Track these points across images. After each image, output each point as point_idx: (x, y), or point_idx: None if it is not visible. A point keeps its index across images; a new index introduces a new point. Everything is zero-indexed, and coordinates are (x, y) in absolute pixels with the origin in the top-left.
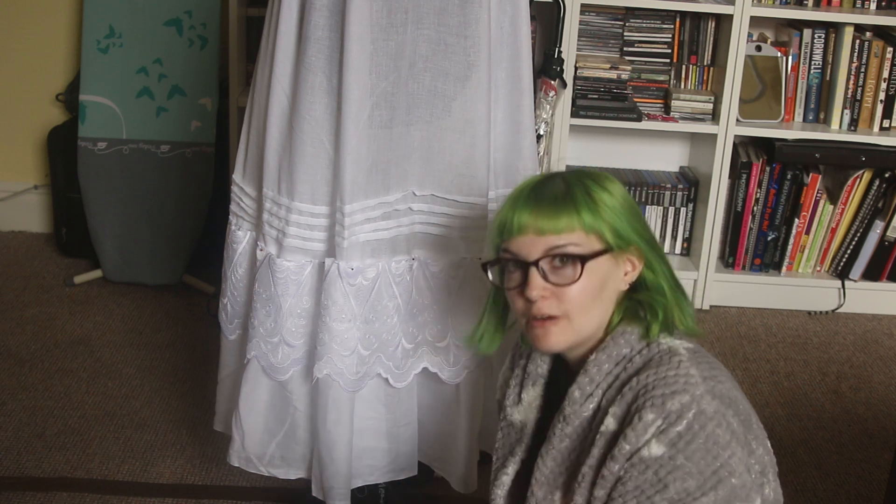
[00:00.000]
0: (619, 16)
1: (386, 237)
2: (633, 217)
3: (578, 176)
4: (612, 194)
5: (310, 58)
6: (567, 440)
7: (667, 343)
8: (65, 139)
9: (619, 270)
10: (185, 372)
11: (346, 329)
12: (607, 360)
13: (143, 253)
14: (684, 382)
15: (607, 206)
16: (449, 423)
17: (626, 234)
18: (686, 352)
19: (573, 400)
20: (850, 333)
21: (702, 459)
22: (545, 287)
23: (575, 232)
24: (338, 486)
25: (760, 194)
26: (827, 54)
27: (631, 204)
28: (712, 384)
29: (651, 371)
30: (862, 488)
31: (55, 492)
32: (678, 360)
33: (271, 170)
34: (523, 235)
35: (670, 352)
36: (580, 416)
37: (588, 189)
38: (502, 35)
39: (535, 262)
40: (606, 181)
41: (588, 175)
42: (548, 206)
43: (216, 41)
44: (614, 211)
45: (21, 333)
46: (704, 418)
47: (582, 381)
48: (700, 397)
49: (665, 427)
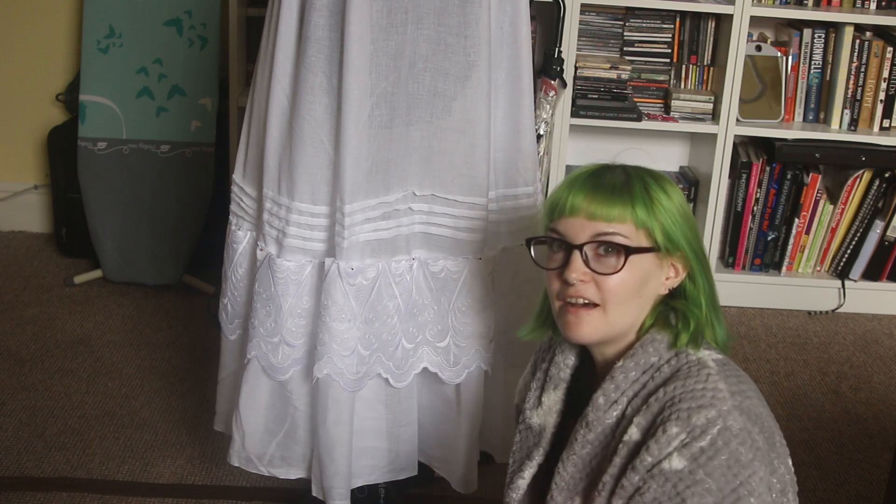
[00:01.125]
0: (619, 16)
1: (386, 237)
2: (686, 224)
3: (640, 171)
4: (670, 197)
5: (310, 58)
6: (589, 446)
7: (696, 354)
8: (65, 139)
9: (662, 273)
10: (185, 372)
11: (346, 329)
12: (634, 368)
13: (143, 253)
14: (711, 397)
15: (662, 206)
16: (449, 423)
17: (676, 238)
18: (715, 364)
19: (597, 406)
20: (850, 333)
21: (722, 476)
22: (585, 272)
23: (626, 224)
24: (338, 485)
25: (760, 194)
26: (827, 54)
27: (687, 212)
28: (740, 399)
29: (679, 383)
30: (862, 488)
31: (55, 492)
32: (707, 373)
33: (271, 170)
34: (574, 217)
35: (699, 364)
36: (603, 423)
37: (647, 185)
38: (502, 35)
39: (581, 246)
40: (667, 183)
41: (650, 173)
42: (604, 192)
43: (216, 41)
44: (668, 213)
45: (21, 333)
46: (729, 435)
47: (607, 387)
48: (727, 413)
49: (689, 441)
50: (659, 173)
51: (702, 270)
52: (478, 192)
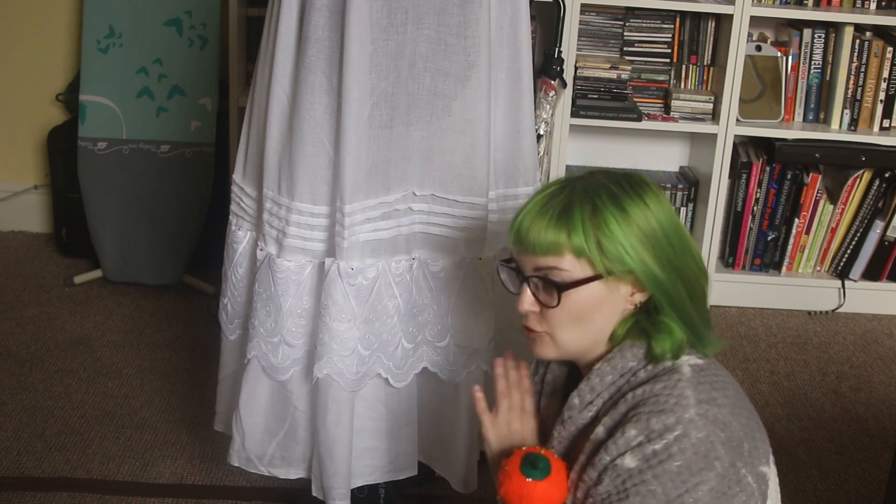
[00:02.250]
0: (619, 16)
1: (386, 237)
2: (645, 243)
3: (595, 188)
4: (628, 213)
5: (310, 58)
6: (566, 442)
7: (674, 361)
8: (65, 139)
9: (619, 294)
10: (185, 372)
11: (346, 329)
12: (611, 372)
13: (143, 253)
14: (675, 403)
15: (609, 230)
16: (449, 423)
17: (627, 262)
18: (690, 370)
19: (571, 406)
20: (850, 333)
21: (670, 482)
22: (534, 303)
23: (562, 256)
24: (338, 485)
25: (760, 194)
26: (827, 54)
27: (652, 230)
28: (706, 408)
29: (647, 387)
30: (862, 488)
31: (55, 492)
32: (677, 379)
33: (271, 170)
34: (519, 248)
35: (673, 369)
36: (577, 423)
37: (595, 208)
38: (502, 35)
39: (528, 278)
40: (631, 199)
41: (611, 189)
42: (542, 223)
43: (216, 41)
44: (616, 236)
45: (21, 333)
46: (687, 443)
47: (583, 388)
48: (688, 421)
49: (644, 442)
50: (626, 185)
51: (664, 293)
52: (478, 192)
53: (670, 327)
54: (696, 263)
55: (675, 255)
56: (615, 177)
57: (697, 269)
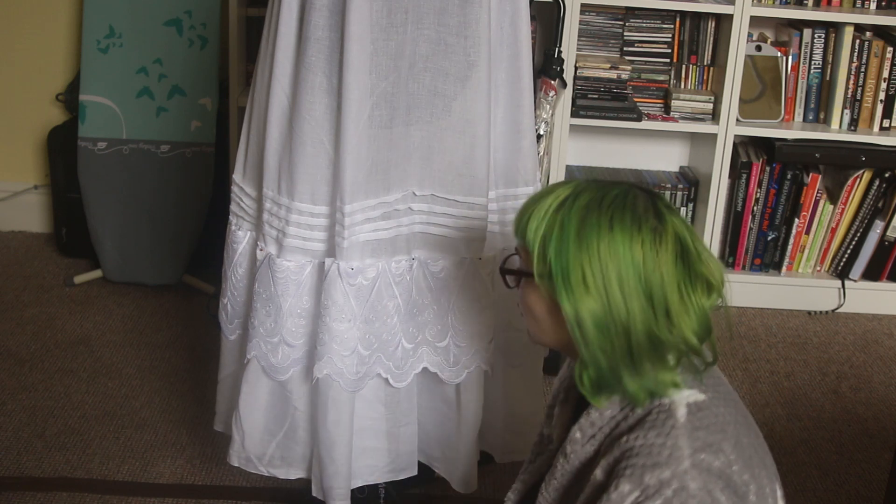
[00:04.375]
0: (619, 16)
1: (386, 237)
2: (579, 267)
3: (590, 201)
4: (583, 240)
5: (310, 58)
6: (568, 475)
7: (672, 396)
8: (65, 139)
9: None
10: (185, 372)
11: (346, 329)
12: (610, 406)
13: (143, 253)
14: (668, 455)
15: (554, 239)
16: (449, 423)
17: (549, 281)
18: (686, 413)
19: (573, 440)
20: (850, 333)
21: None
22: (513, 279)
23: (520, 243)
24: (338, 486)
25: (760, 194)
26: (827, 54)
27: (591, 253)
28: (702, 457)
29: (641, 433)
30: (862, 488)
31: (55, 492)
32: (671, 426)
33: (271, 170)
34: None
35: (669, 411)
36: (581, 457)
37: (564, 213)
38: (502, 35)
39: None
40: (601, 230)
41: (599, 210)
42: (528, 203)
43: (216, 41)
44: (560, 250)
45: (21, 333)
46: (686, 495)
47: (584, 423)
48: (683, 473)
49: (642, 500)
50: (633, 217)
51: (582, 333)
52: (478, 192)
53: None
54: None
55: (625, 313)
56: (626, 200)
57: (665, 328)
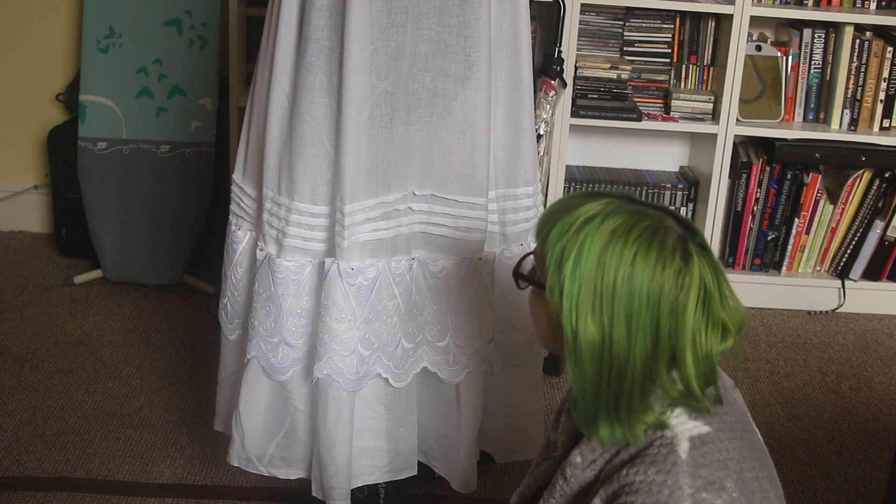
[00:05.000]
0: (619, 16)
1: (386, 237)
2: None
3: (610, 214)
4: (599, 261)
5: (310, 58)
6: (567, 496)
7: (674, 429)
8: (65, 139)
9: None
10: (185, 372)
11: (346, 329)
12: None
13: (143, 253)
14: (668, 495)
15: (570, 259)
16: (449, 422)
17: (559, 298)
18: (688, 448)
19: (574, 464)
20: (850, 333)
21: None
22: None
23: (537, 248)
24: (338, 485)
25: (760, 194)
26: (827, 54)
27: (613, 284)
28: (703, 496)
29: (642, 468)
30: (862, 488)
31: (55, 492)
32: (672, 462)
33: (271, 170)
34: None
35: (670, 447)
36: (580, 481)
37: (581, 227)
38: (502, 35)
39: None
40: (621, 250)
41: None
42: (554, 207)
43: (216, 41)
44: (574, 269)
45: (21, 333)
46: None
47: (584, 448)
48: None
49: None
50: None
51: (576, 359)
52: (478, 191)
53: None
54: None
55: (625, 353)
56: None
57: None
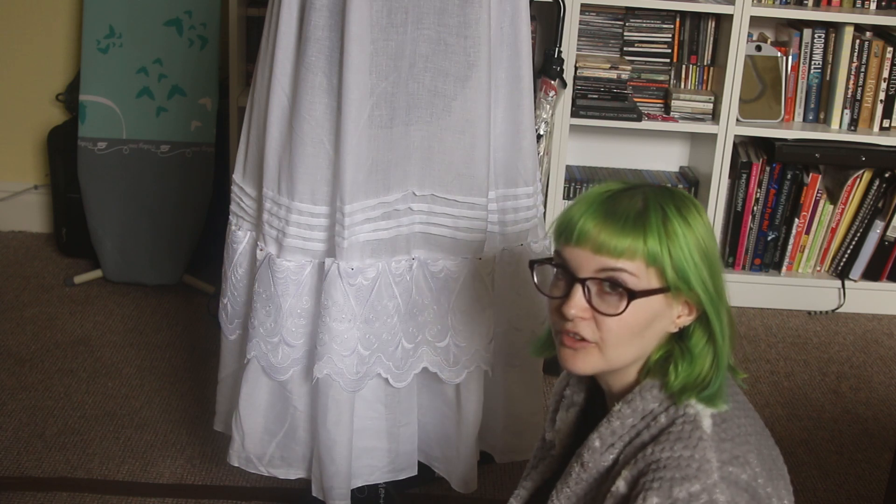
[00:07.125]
0: (619, 16)
1: (386, 237)
2: (704, 262)
3: (662, 197)
4: (692, 229)
5: (310, 58)
6: (584, 483)
7: (695, 407)
8: (65, 139)
9: (672, 312)
10: (185, 372)
11: (346, 329)
12: (632, 415)
13: (143, 253)
14: (697, 468)
15: (679, 243)
16: (449, 422)
17: (689, 278)
18: (711, 424)
19: (593, 449)
20: (850, 333)
21: None
22: (586, 308)
23: (635, 260)
24: (338, 485)
25: (760, 194)
26: (827, 54)
27: (708, 247)
28: (730, 470)
29: (668, 445)
30: (862, 488)
31: (55, 492)
32: (698, 438)
33: (271, 170)
34: (580, 247)
35: (694, 423)
36: (598, 465)
37: (666, 216)
38: (502, 35)
39: (584, 280)
40: (691, 213)
41: (674, 200)
42: (615, 222)
43: (216, 41)
44: (685, 250)
45: (21, 333)
46: None
47: (604, 431)
48: (712, 486)
49: None
50: (685, 199)
51: (716, 315)
52: (478, 191)
53: (699, 356)
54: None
55: (716, 279)
56: (667, 189)
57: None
